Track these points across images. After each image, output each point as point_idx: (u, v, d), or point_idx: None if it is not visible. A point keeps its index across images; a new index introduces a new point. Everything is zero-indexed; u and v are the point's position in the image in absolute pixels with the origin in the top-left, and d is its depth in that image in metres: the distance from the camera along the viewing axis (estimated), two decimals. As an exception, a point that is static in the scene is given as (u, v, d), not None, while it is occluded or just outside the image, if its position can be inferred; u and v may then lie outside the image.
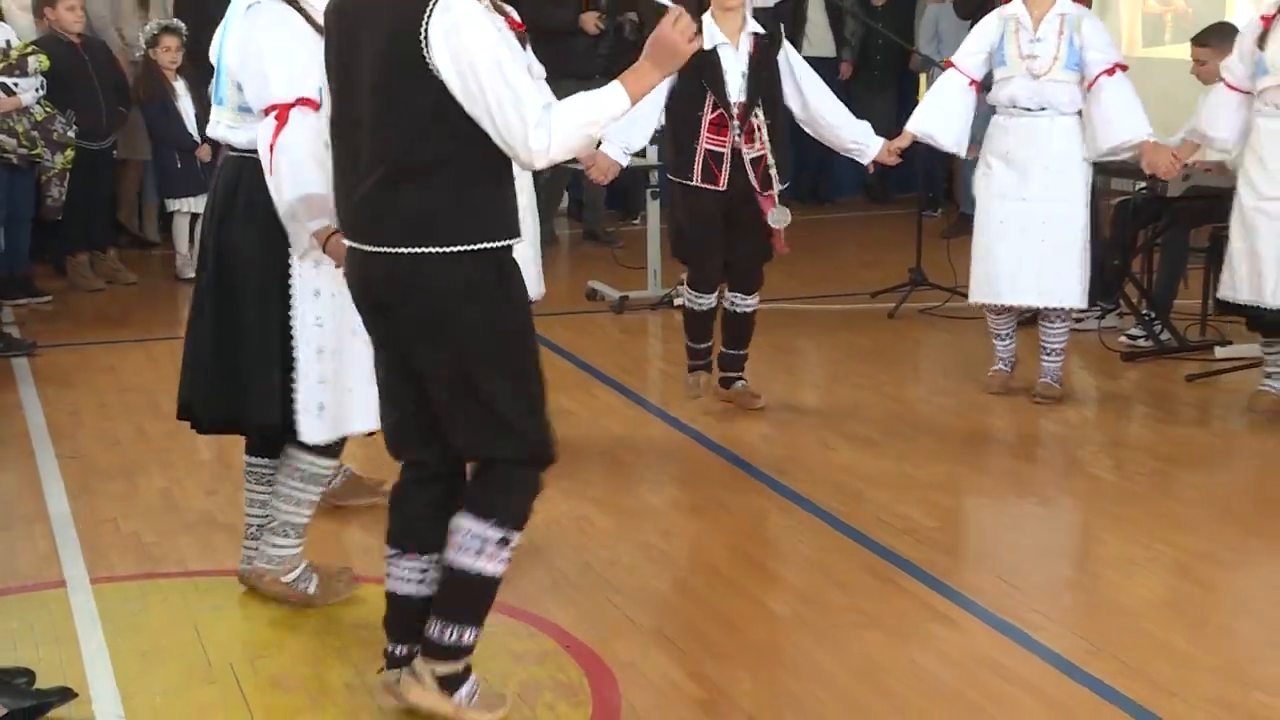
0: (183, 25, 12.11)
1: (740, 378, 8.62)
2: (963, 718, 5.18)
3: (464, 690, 4.97)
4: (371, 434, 5.92)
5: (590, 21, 13.09)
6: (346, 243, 4.92)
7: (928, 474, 7.65)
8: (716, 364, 8.61)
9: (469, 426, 4.90)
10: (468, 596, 4.95)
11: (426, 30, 4.52)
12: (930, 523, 7.03)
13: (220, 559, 6.53)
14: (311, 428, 5.73)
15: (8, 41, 10.93)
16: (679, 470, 7.82)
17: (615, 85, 4.67)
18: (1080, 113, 8.23)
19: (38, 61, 10.93)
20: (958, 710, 5.23)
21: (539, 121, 4.52)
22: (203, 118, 11.42)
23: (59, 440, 8.12)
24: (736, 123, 7.99)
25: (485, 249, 4.74)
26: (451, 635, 4.92)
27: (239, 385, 5.76)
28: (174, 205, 12.14)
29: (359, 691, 5.33)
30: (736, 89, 8.00)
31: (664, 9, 5.02)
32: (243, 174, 5.70)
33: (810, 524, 6.98)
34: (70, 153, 11.15)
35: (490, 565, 4.87)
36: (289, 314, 5.71)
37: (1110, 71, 8.12)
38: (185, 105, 11.75)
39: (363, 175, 4.77)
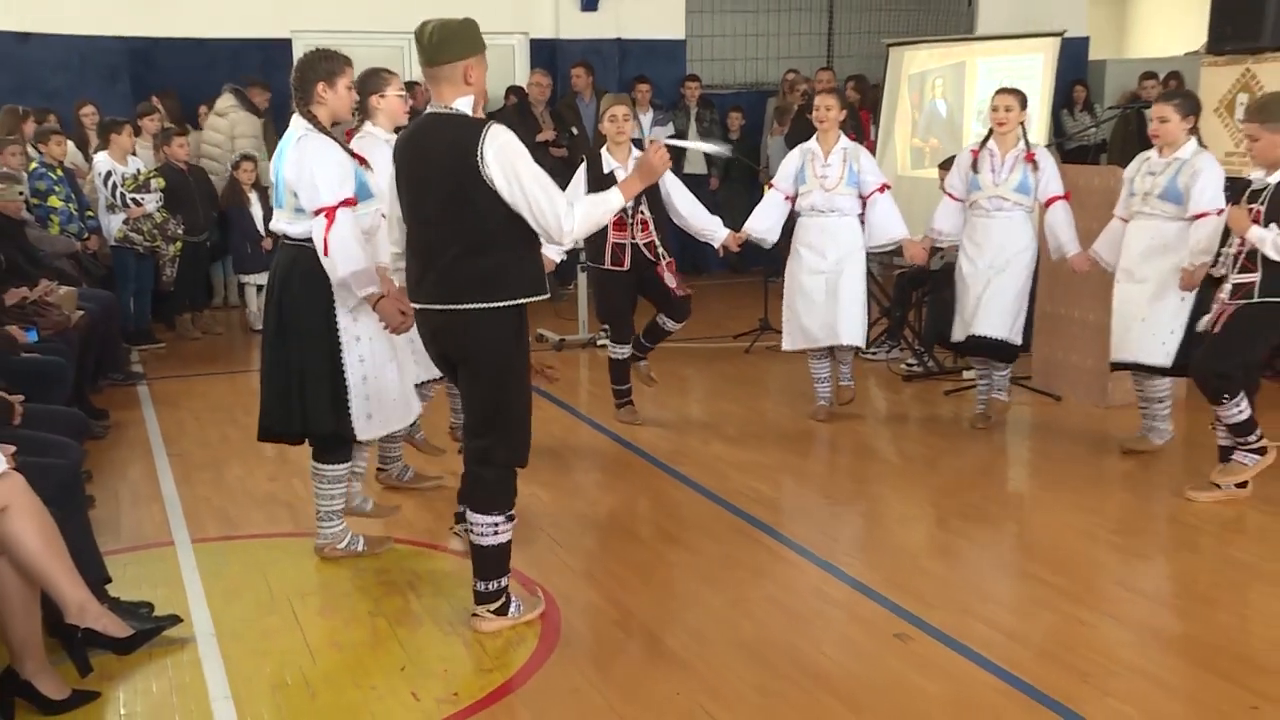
0: (257, 154, 12.11)
1: (644, 359, 8.61)
2: (798, 627, 5.25)
3: (511, 609, 5.22)
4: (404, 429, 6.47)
5: (547, 134, 13.13)
6: (419, 306, 5.02)
7: (773, 460, 7.69)
8: (632, 346, 8.52)
9: (483, 428, 5.03)
10: (493, 561, 5.15)
11: (482, 152, 4.69)
12: (774, 494, 7.11)
13: (280, 525, 6.54)
14: (364, 429, 5.77)
15: (138, 170, 10.92)
16: (601, 460, 7.80)
17: (614, 190, 4.96)
18: (860, 216, 8.30)
19: (156, 183, 10.91)
20: (795, 622, 5.30)
21: (567, 214, 4.76)
22: (267, 219, 11.56)
23: (169, 443, 8.05)
24: (632, 220, 8.03)
25: (519, 304, 4.92)
26: (491, 586, 5.17)
27: (304, 408, 5.71)
28: (246, 279, 12.04)
29: (378, 617, 5.38)
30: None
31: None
32: (298, 257, 5.65)
33: (693, 496, 7.00)
34: (179, 245, 11.09)
35: (501, 538, 5.10)
36: (340, 355, 5.67)
37: (881, 190, 8.26)
38: (256, 210, 11.70)
39: (436, 257, 4.88)
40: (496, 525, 5.05)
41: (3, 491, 4.40)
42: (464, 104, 4.88)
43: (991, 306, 7.91)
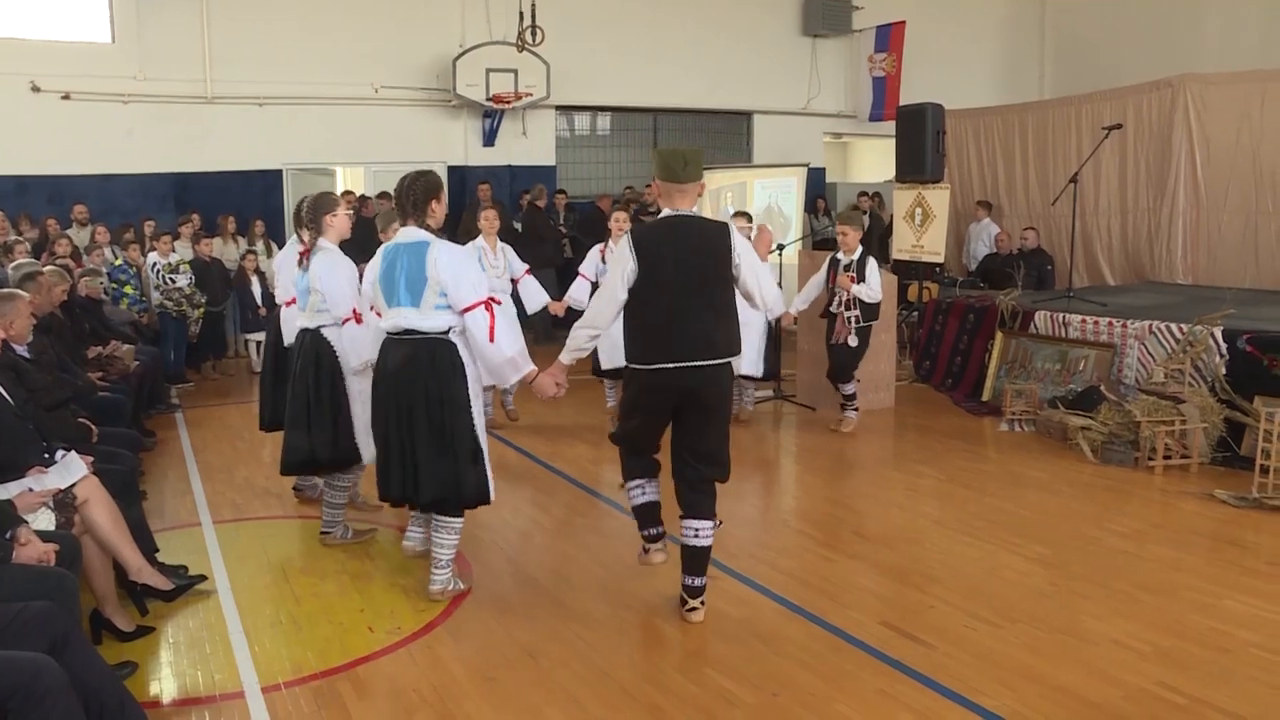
0: (257, 250, 12.00)
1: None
2: (637, 573, 5.23)
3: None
4: None
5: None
6: (676, 365, 4.36)
7: (616, 457, 7.62)
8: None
9: (718, 447, 4.66)
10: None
11: (731, 245, 4.42)
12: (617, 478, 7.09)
13: (273, 510, 6.45)
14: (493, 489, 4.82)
15: (174, 260, 10.74)
16: (501, 462, 7.66)
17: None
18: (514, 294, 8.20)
19: (183, 266, 10.75)
20: (634, 570, 5.25)
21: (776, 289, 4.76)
22: (264, 296, 11.43)
23: (197, 453, 7.88)
24: None
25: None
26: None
27: (455, 478, 4.71)
28: (248, 336, 11.89)
29: (343, 575, 5.33)
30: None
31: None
32: (437, 349, 4.64)
33: (564, 484, 7.00)
34: (202, 310, 10.84)
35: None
36: (475, 430, 4.71)
37: (527, 273, 8.32)
38: (255, 288, 11.58)
39: (692, 323, 4.36)
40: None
41: (85, 489, 4.47)
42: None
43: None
